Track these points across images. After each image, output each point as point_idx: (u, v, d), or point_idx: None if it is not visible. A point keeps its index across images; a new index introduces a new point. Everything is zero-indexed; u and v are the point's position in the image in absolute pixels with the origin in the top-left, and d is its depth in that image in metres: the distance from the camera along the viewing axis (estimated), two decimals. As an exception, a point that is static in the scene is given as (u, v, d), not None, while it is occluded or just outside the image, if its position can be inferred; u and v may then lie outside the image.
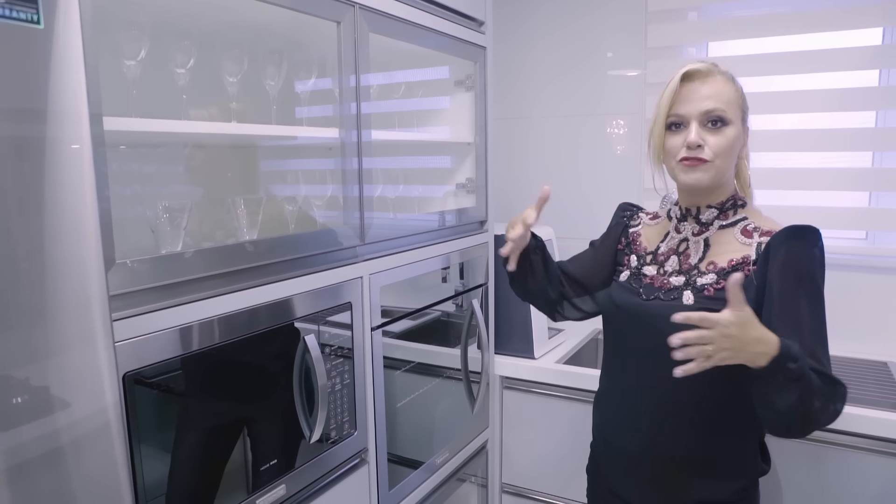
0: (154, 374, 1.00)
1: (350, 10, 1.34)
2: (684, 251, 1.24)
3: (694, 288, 1.17)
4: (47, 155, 0.67)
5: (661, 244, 1.28)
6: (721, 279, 1.15)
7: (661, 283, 1.22)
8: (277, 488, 1.24)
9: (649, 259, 1.28)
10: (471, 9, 1.78)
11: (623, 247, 1.36)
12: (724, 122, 1.14)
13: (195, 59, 1.19)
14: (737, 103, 1.16)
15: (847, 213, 2.07)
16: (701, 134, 1.14)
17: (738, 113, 1.16)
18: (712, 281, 1.16)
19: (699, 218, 1.23)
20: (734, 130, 1.15)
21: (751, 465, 1.21)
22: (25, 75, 0.64)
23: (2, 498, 0.65)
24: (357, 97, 1.38)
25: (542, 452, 2.03)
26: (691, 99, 1.15)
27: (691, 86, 1.16)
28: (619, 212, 1.44)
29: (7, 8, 0.60)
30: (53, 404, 0.69)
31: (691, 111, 1.15)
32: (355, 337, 1.42)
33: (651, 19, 2.27)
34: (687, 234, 1.24)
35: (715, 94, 1.14)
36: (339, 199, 1.45)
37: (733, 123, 1.15)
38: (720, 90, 1.15)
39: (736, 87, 1.18)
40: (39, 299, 0.67)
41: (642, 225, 1.37)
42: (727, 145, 1.15)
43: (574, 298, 1.41)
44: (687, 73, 1.16)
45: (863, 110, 2.05)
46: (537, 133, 2.52)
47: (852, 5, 1.99)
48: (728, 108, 1.14)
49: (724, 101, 1.14)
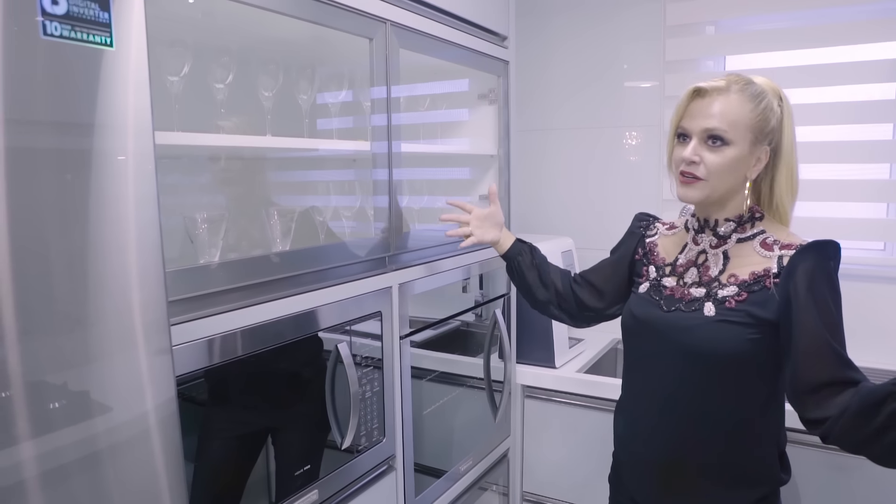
0: (185, 381, 1.01)
1: (382, 27, 1.38)
2: (703, 263, 1.24)
3: (715, 300, 1.18)
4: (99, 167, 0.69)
5: (680, 255, 1.29)
6: (743, 291, 1.16)
7: (681, 295, 1.24)
8: (310, 494, 1.27)
9: (668, 270, 1.29)
10: (494, 24, 1.82)
11: (640, 257, 1.37)
12: (724, 141, 1.13)
13: (234, 74, 1.23)
14: (747, 124, 1.14)
15: (865, 225, 2.09)
16: (699, 150, 1.15)
17: (744, 134, 1.14)
18: (734, 293, 1.17)
19: (717, 231, 1.23)
20: (735, 151, 1.14)
21: (771, 474, 1.22)
22: (96, 94, 0.67)
23: (38, 501, 0.66)
24: (388, 110, 1.42)
25: (562, 461, 2.04)
26: (696, 115, 1.16)
27: (701, 102, 1.17)
28: (636, 222, 1.45)
29: (83, 32, 0.63)
30: (93, 409, 0.71)
31: (694, 127, 1.16)
32: (385, 345, 1.45)
33: (669, 33, 2.29)
34: (705, 247, 1.25)
35: (720, 113, 1.14)
36: (366, 209, 1.48)
37: (735, 144, 1.14)
38: (728, 109, 1.14)
39: (756, 106, 1.15)
40: (81, 306, 0.69)
41: (659, 235, 1.38)
42: (723, 165, 1.14)
43: (583, 295, 1.46)
44: (697, 89, 1.18)
45: (880, 123, 2.07)
46: (556, 145, 2.54)
47: (868, 19, 2.02)
48: (731, 129, 1.13)
49: (729, 121, 1.13)
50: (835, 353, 1.08)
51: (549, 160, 2.57)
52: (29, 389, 0.64)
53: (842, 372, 1.07)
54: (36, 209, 0.64)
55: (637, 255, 1.39)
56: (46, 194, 0.65)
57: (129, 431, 0.74)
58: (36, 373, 0.65)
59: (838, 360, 1.08)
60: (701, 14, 2.25)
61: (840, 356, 1.08)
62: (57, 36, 0.61)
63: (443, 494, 1.73)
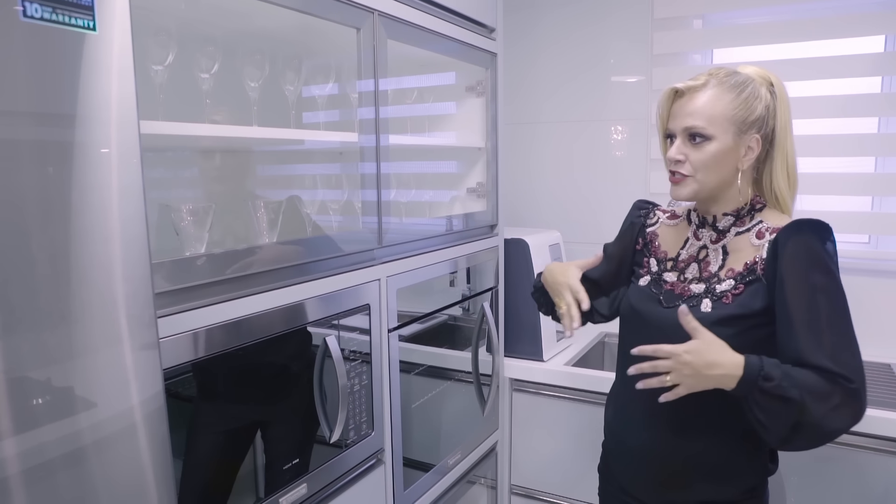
0: (171, 376, 1.00)
1: (370, 17, 1.36)
2: (704, 258, 1.24)
3: (713, 296, 1.18)
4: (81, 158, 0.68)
5: (682, 251, 1.29)
6: (739, 284, 1.16)
7: (681, 290, 1.23)
8: (299, 487, 1.26)
9: (670, 265, 1.29)
10: (482, 16, 1.81)
11: (641, 247, 1.37)
12: (704, 137, 1.14)
13: (219, 63, 1.21)
14: (727, 116, 1.14)
15: (850, 218, 2.11)
16: (683, 149, 1.17)
17: (725, 126, 1.14)
18: (730, 287, 1.17)
19: (716, 226, 1.24)
20: (717, 145, 1.14)
21: (758, 465, 1.23)
22: (79, 80, 0.66)
23: (21, 498, 0.65)
24: (376, 102, 1.40)
25: (550, 453, 2.05)
26: (677, 114, 1.18)
27: (681, 101, 1.18)
28: (635, 210, 1.43)
29: (65, 14, 0.62)
30: (77, 405, 0.70)
31: (676, 127, 1.18)
32: (373, 338, 1.44)
33: (657, 27, 2.30)
34: (706, 242, 1.25)
35: (697, 111, 1.14)
36: (354, 203, 1.47)
37: (717, 138, 1.14)
38: (706, 104, 1.14)
39: (736, 97, 1.14)
40: (64, 300, 0.68)
41: (660, 224, 1.36)
42: (706, 160, 1.15)
43: (594, 302, 1.40)
44: (676, 90, 1.19)
45: (866, 116, 2.08)
46: (545, 138, 2.54)
47: (854, 13, 2.03)
48: (710, 124, 1.14)
49: (706, 117, 1.14)
50: (806, 334, 1.07)
51: (538, 153, 2.57)
52: (11, 386, 0.63)
53: (809, 355, 1.06)
54: (16, 202, 0.62)
55: (638, 244, 1.37)
56: (27, 187, 0.63)
57: (114, 427, 0.73)
58: (18, 368, 0.64)
59: (808, 341, 1.07)
60: (688, 8, 2.25)
61: (810, 338, 1.07)
62: (38, 18, 0.59)
63: (431, 488, 1.72)
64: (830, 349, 1.06)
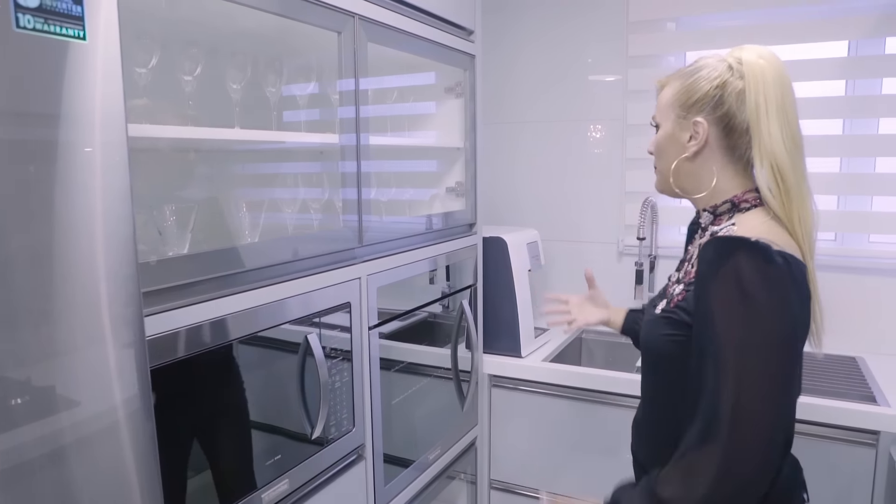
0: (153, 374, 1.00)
1: (350, 20, 1.39)
2: (691, 259, 1.16)
3: (669, 298, 1.12)
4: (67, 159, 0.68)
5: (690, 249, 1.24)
6: (686, 289, 1.07)
7: (664, 293, 1.20)
8: (281, 483, 1.28)
9: (677, 267, 1.25)
10: (461, 18, 1.84)
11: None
12: (658, 127, 1.16)
13: (202, 66, 1.23)
14: (671, 102, 1.11)
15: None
16: (651, 142, 1.19)
17: (668, 113, 1.11)
18: (679, 291, 1.10)
19: (698, 222, 1.18)
20: (661, 132, 1.14)
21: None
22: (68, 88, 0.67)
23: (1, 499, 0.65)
24: (356, 103, 1.43)
25: (529, 448, 2.09)
26: None
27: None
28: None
29: (57, 25, 0.64)
30: (59, 404, 0.69)
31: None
32: (353, 336, 1.46)
33: (631, 29, 2.35)
34: (699, 241, 1.15)
35: (656, 107, 1.16)
36: (334, 202, 1.49)
37: (662, 125, 1.14)
38: (662, 96, 1.15)
39: (684, 82, 1.09)
40: (46, 300, 0.67)
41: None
42: (655, 149, 1.17)
43: None
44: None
45: (831, 118, 2.15)
46: (524, 138, 2.58)
47: (820, 19, 2.10)
48: (659, 113, 1.15)
49: (659, 109, 1.15)
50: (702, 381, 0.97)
51: (517, 152, 2.60)
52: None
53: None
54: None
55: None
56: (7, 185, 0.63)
57: (97, 425, 0.73)
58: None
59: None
60: (663, 11, 2.30)
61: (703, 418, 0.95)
62: (30, 29, 0.61)
63: (411, 483, 1.75)
64: (712, 426, 0.93)
